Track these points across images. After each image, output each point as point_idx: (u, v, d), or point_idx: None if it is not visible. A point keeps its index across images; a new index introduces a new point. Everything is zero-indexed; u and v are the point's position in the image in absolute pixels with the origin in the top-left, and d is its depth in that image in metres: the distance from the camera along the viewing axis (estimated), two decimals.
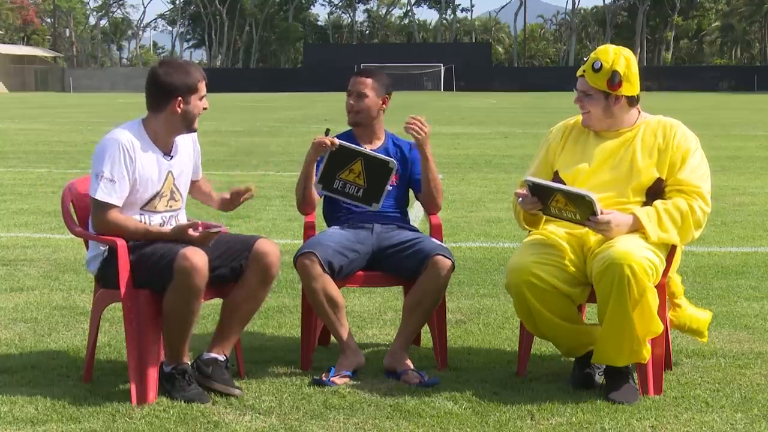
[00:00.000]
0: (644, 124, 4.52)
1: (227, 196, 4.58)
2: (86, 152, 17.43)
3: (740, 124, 27.00)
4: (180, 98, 4.31)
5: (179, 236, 4.23)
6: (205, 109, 4.42)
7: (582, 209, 4.21)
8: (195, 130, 4.46)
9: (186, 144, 4.53)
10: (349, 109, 4.93)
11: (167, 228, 4.31)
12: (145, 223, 4.32)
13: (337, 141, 4.69)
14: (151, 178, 4.32)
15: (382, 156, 4.76)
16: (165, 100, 4.31)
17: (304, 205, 4.89)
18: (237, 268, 4.34)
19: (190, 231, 4.22)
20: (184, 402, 4.14)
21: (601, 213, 4.20)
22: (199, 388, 4.23)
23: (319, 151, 4.71)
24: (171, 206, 4.42)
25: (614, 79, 4.38)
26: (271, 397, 4.27)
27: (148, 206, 4.35)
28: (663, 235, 4.28)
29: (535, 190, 4.32)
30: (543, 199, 4.32)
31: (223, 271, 4.31)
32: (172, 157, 4.41)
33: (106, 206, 4.25)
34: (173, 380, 4.22)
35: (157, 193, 4.36)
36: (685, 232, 4.33)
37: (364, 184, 4.71)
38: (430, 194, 4.90)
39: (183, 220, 4.47)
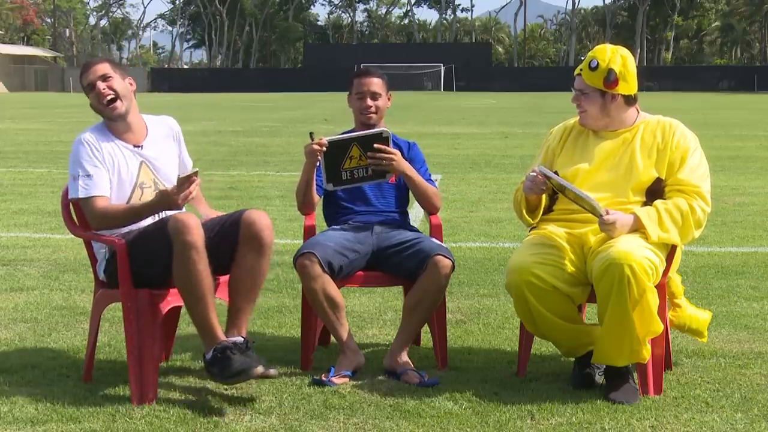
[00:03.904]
0: (643, 124, 4.52)
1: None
2: None
3: (740, 124, 27.00)
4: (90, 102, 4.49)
5: (163, 198, 4.23)
6: (104, 94, 4.40)
7: (588, 209, 4.25)
8: (113, 118, 4.43)
9: (163, 133, 4.57)
10: (366, 110, 4.90)
11: (151, 199, 4.33)
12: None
13: (324, 140, 4.69)
14: (122, 170, 4.38)
15: (373, 131, 4.76)
16: None
17: (305, 206, 4.89)
18: (233, 245, 4.30)
19: (169, 189, 4.24)
20: (236, 379, 4.04)
21: (607, 213, 4.22)
22: (243, 357, 4.08)
23: (313, 158, 4.71)
24: None
25: (610, 77, 4.39)
26: (271, 397, 4.27)
27: (131, 200, 4.38)
28: (663, 235, 4.29)
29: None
30: (554, 188, 4.37)
31: (223, 252, 4.27)
32: (142, 147, 4.46)
33: (93, 200, 4.31)
34: (216, 362, 4.08)
35: (136, 184, 4.39)
36: (685, 231, 4.33)
37: (368, 163, 4.72)
38: (425, 201, 4.93)
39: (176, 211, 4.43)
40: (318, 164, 4.75)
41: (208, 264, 4.13)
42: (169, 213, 4.27)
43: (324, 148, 4.66)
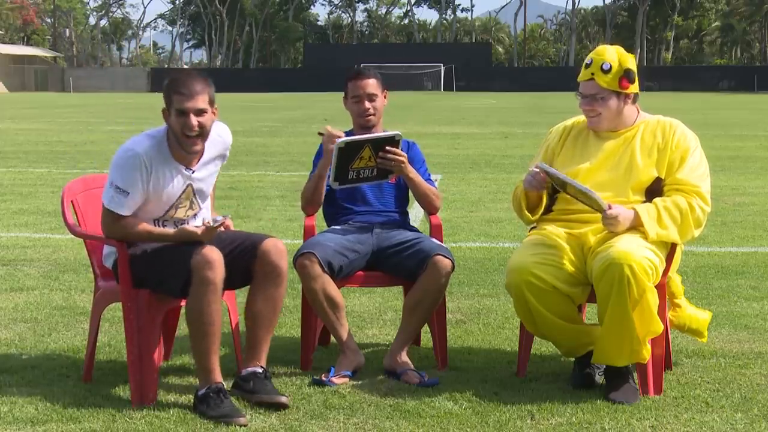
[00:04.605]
0: (643, 124, 4.53)
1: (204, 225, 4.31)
2: (86, 152, 17.44)
3: (740, 124, 27.01)
4: (165, 109, 4.24)
5: (182, 234, 4.19)
6: (192, 128, 4.15)
7: (590, 203, 4.26)
8: (188, 151, 4.23)
9: (216, 152, 4.40)
10: (364, 113, 4.90)
11: (172, 229, 4.27)
12: (156, 226, 4.28)
13: (332, 130, 4.70)
14: (167, 191, 4.25)
15: (386, 133, 4.74)
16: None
17: (311, 205, 4.89)
18: (247, 270, 4.30)
19: (193, 228, 4.20)
20: (219, 420, 3.97)
21: (610, 208, 4.23)
22: (233, 404, 4.08)
23: (329, 147, 4.68)
24: (188, 214, 4.37)
25: (629, 77, 4.41)
26: None
27: (164, 216, 4.31)
28: (662, 233, 4.29)
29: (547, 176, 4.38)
30: (554, 185, 4.38)
31: (234, 271, 4.25)
32: (193, 171, 4.31)
33: (117, 216, 4.21)
34: (207, 400, 4.07)
35: (174, 204, 4.30)
36: (684, 230, 4.33)
37: (376, 164, 4.71)
38: (425, 201, 4.93)
39: (198, 222, 4.39)
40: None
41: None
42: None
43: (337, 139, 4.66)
